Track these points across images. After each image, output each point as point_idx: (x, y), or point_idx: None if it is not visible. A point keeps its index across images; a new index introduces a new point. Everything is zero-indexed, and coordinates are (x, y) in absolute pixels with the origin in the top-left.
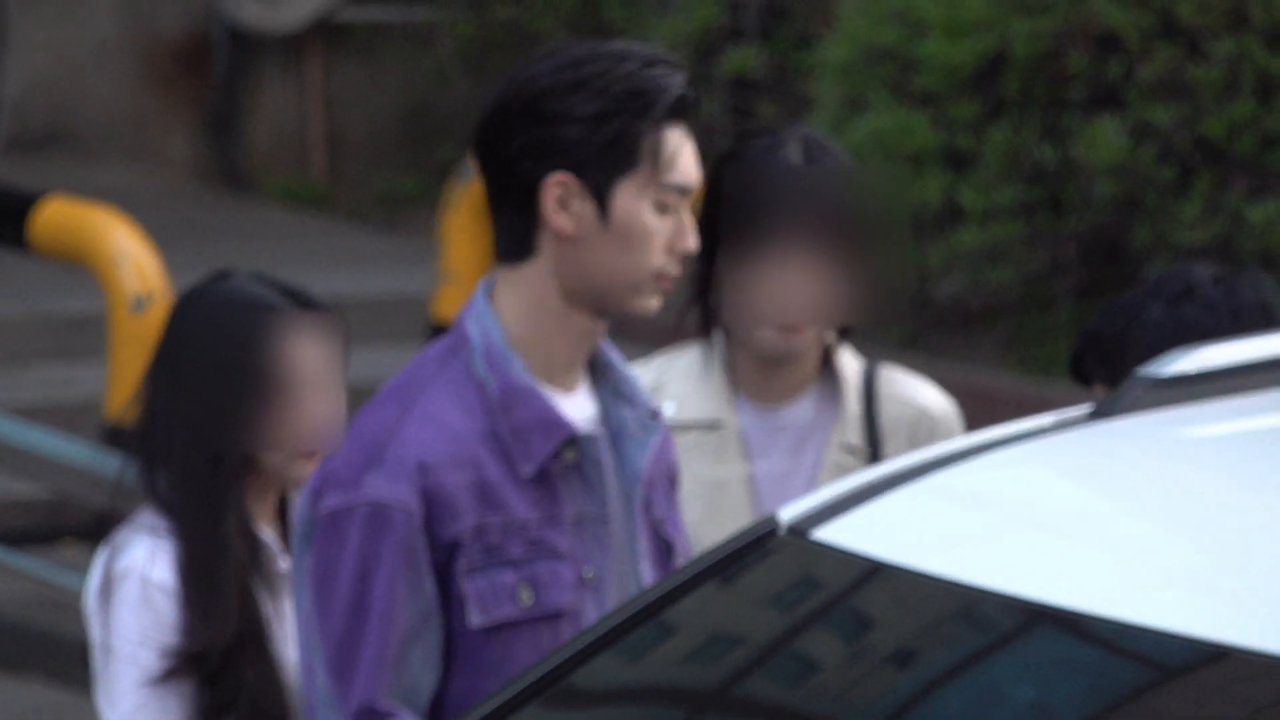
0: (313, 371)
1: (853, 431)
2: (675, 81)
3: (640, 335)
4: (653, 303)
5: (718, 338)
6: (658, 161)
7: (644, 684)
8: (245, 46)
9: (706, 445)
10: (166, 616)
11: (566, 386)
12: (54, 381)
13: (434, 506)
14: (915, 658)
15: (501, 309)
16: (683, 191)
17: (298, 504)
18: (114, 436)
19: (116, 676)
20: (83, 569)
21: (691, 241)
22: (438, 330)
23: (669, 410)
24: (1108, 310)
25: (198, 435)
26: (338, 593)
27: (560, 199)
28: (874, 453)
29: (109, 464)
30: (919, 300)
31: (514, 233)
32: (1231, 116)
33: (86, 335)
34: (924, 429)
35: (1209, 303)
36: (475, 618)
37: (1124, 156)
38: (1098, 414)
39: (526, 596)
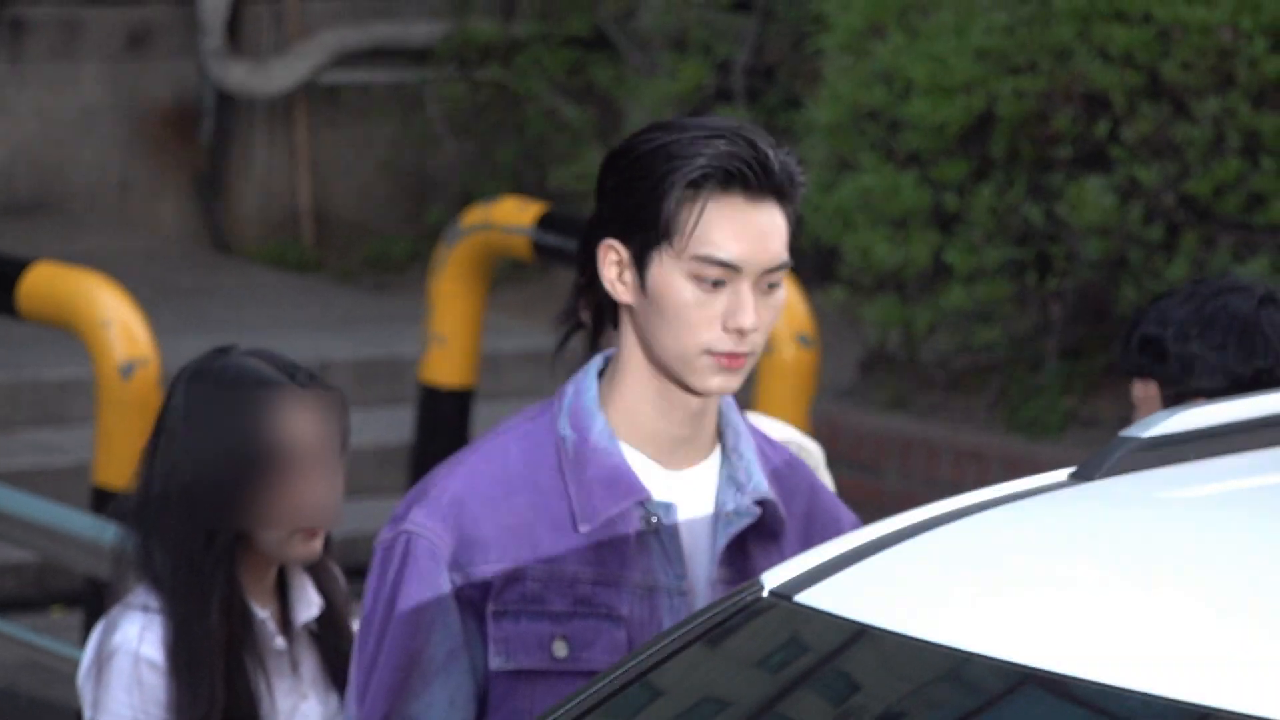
0: (312, 449)
1: None
2: (708, 153)
3: None
4: (714, 380)
5: None
6: (685, 232)
7: None
8: (233, 110)
9: None
10: (156, 694)
11: (672, 464)
12: (42, 447)
13: (463, 543)
14: None
15: (607, 374)
16: (723, 264)
17: None
18: (105, 504)
19: None
20: (71, 635)
21: (743, 319)
22: (428, 393)
23: None
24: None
25: (193, 512)
26: (372, 620)
27: (614, 265)
28: None
29: (98, 530)
30: (906, 360)
31: (605, 300)
32: (1218, 175)
33: (75, 400)
34: (808, 463)
35: None
36: (495, 660)
37: (1111, 216)
38: (1080, 475)
39: (562, 650)
